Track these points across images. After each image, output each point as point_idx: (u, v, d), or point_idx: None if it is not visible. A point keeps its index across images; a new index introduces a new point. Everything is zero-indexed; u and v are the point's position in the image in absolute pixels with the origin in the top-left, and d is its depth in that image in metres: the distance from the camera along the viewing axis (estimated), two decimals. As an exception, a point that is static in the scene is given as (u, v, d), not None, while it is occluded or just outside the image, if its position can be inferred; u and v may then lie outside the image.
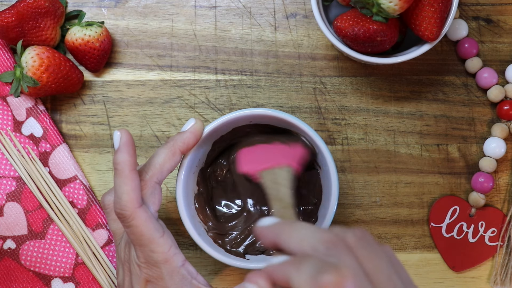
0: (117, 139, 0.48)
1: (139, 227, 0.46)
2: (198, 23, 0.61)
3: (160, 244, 0.47)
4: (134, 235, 0.47)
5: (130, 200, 0.46)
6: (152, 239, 0.47)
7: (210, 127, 0.52)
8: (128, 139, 0.48)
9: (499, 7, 0.61)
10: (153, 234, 0.47)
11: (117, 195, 0.47)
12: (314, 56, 0.61)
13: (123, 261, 0.50)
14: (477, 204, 0.59)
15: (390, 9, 0.50)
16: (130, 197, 0.46)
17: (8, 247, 0.58)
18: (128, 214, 0.46)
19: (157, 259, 0.47)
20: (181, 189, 0.52)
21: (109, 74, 0.61)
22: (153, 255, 0.47)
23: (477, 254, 0.60)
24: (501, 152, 0.59)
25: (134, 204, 0.47)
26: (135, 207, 0.47)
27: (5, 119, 0.59)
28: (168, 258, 0.47)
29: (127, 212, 0.46)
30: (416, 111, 0.61)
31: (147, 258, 0.47)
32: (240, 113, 0.51)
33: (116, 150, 0.48)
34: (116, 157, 0.47)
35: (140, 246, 0.47)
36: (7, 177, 0.59)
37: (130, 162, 0.47)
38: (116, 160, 0.47)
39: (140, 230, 0.47)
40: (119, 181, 0.47)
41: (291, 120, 0.51)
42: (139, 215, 0.46)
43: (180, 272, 0.48)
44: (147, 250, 0.47)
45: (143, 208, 0.47)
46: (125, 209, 0.46)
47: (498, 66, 0.61)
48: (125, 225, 0.47)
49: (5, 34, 0.56)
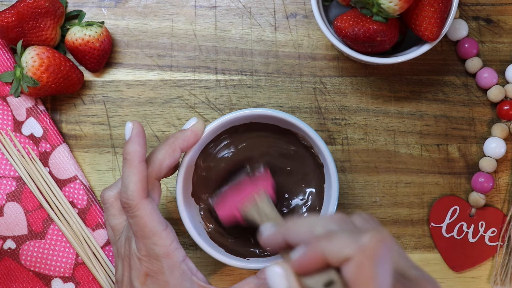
0: (128, 130, 0.49)
1: (144, 218, 0.47)
2: (198, 23, 0.61)
3: (163, 237, 0.47)
4: (137, 226, 0.47)
5: (136, 190, 0.47)
6: (155, 232, 0.47)
7: (210, 127, 0.52)
8: (140, 131, 0.49)
9: (499, 7, 0.61)
10: (156, 226, 0.47)
11: (124, 184, 0.47)
12: (314, 56, 0.61)
13: (123, 256, 0.50)
14: (477, 204, 0.59)
15: (390, 9, 0.50)
16: (137, 187, 0.47)
17: (8, 247, 0.58)
18: (134, 204, 0.47)
19: (158, 252, 0.47)
20: (180, 188, 0.52)
21: (109, 74, 0.61)
22: (155, 248, 0.47)
23: (477, 254, 0.60)
24: (501, 152, 0.59)
25: (140, 195, 0.47)
26: (141, 197, 0.47)
27: (5, 119, 0.59)
28: (170, 252, 0.47)
29: (132, 202, 0.47)
30: (416, 111, 0.61)
31: (148, 251, 0.47)
32: (240, 113, 0.51)
33: (127, 141, 0.48)
34: (126, 147, 0.48)
35: (143, 238, 0.47)
36: (7, 177, 0.59)
37: (140, 153, 0.48)
38: (126, 150, 0.48)
39: (144, 221, 0.47)
40: (127, 171, 0.47)
41: (291, 120, 0.51)
42: (144, 206, 0.47)
43: (181, 267, 0.48)
44: (149, 243, 0.47)
45: (148, 200, 0.47)
46: (131, 199, 0.47)
47: (498, 66, 0.61)
48: (129, 216, 0.47)
49: (5, 34, 0.56)
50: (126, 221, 0.51)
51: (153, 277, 0.47)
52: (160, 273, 0.47)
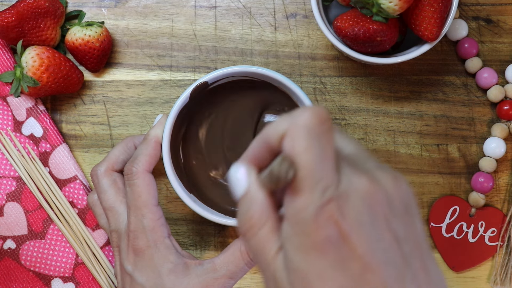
0: (158, 118, 0.54)
1: (140, 187, 0.50)
2: (198, 23, 0.61)
3: (153, 211, 0.50)
4: (133, 194, 0.50)
5: (143, 161, 0.51)
6: (147, 204, 0.49)
7: (197, 82, 0.53)
8: (163, 121, 0.53)
9: (499, 7, 0.61)
10: (149, 199, 0.50)
11: (134, 155, 0.51)
12: (314, 56, 0.61)
13: (114, 246, 0.52)
14: (477, 204, 0.59)
15: (390, 9, 0.50)
16: (145, 159, 0.51)
17: (8, 247, 0.58)
18: (135, 171, 0.50)
19: (145, 224, 0.49)
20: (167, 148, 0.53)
21: (109, 74, 0.61)
22: (143, 220, 0.49)
23: (477, 254, 0.60)
24: (501, 152, 0.59)
25: (145, 166, 0.50)
26: (144, 168, 0.50)
27: (5, 119, 0.59)
28: (156, 226, 0.50)
29: (135, 169, 0.50)
30: (416, 111, 0.61)
31: (136, 223, 0.49)
32: (228, 70, 0.52)
33: (152, 126, 0.53)
34: (150, 131, 0.52)
35: (135, 209, 0.49)
36: (7, 177, 0.59)
37: (158, 136, 0.52)
38: (149, 133, 0.52)
39: (140, 191, 0.50)
40: (142, 146, 0.52)
41: (275, 76, 0.52)
42: (144, 177, 0.50)
43: (165, 242, 0.50)
44: (139, 214, 0.49)
45: (150, 175, 0.51)
46: (135, 166, 0.50)
47: (498, 66, 0.61)
48: (128, 183, 0.50)
49: (5, 34, 0.56)
50: (116, 204, 0.52)
51: (139, 255, 0.49)
52: (146, 248, 0.49)
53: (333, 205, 0.31)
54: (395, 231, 0.32)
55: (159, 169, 0.55)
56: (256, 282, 0.60)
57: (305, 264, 0.31)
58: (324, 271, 0.31)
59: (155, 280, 0.48)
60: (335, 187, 0.31)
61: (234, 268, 0.49)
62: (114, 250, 0.52)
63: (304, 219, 0.31)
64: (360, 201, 0.31)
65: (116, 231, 0.52)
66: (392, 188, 0.33)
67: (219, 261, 0.50)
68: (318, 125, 0.32)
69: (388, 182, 0.33)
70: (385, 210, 0.32)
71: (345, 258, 0.31)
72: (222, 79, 0.54)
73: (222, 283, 0.49)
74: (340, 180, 0.32)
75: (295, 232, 0.32)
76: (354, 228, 0.31)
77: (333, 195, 0.31)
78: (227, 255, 0.50)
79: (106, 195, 0.52)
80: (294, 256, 0.32)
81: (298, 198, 0.31)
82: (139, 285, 0.49)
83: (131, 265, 0.50)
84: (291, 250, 0.32)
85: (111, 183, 0.52)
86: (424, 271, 0.32)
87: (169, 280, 0.48)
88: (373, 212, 0.32)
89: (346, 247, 0.31)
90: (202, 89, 0.54)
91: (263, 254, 0.33)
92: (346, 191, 0.31)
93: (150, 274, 0.49)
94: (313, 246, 0.31)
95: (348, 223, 0.31)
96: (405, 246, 0.32)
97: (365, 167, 0.33)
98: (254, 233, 0.34)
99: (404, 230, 0.32)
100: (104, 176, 0.53)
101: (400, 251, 0.32)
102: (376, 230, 0.31)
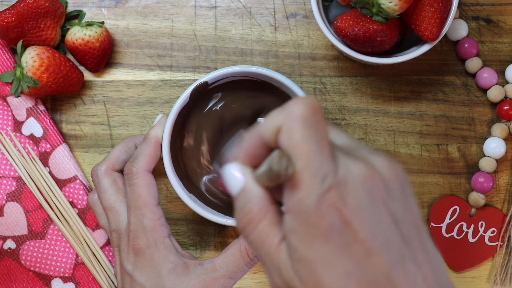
0: (158, 118, 0.54)
1: (140, 187, 0.50)
2: (198, 23, 0.61)
3: (153, 211, 0.50)
4: (133, 194, 0.50)
5: (143, 162, 0.51)
6: (147, 203, 0.50)
7: (196, 83, 0.53)
8: (163, 121, 0.53)
9: (499, 7, 0.61)
10: (150, 199, 0.50)
11: (134, 155, 0.51)
12: (314, 56, 0.61)
13: (114, 246, 0.52)
14: (477, 204, 0.59)
15: (390, 9, 0.50)
16: (145, 159, 0.51)
17: (8, 247, 0.58)
18: (136, 171, 0.50)
19: (146, 224, 0.49)
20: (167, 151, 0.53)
21: (109, 74, 0.61)
22: (143, 220, 0.49)
23: (477, 254, 0.60)
24: (501, 152, 0.59)
25: (145, 166, 0.51)
26: (144, 168, 0.51)
27: (5, 119, 0.59)
28: (156, 226, 0.50)
29: (135, 169, 0.50)
30: (416, 111, 0.61)
31: (136, 223, 0.49)
32: (228, 70, 0.53)
33: (153, 126, 0.53)
34: (150, 131, 0.52)
35: (135, 209, 0.50)
36: (7, 177, 0.59)
37: (158, 136, 0.52)
38: (149, 132, 0.52)
39: (140, 191, 0.50)
40: (142, 146, 0.52)
41: (275, 76, 0.52)
42: (144, 176, 0.50)
43: (165, 242, 0.50)
44: (140, 214, 0.49)
45: (150, 175, 0.51)
46: (135, 166, 0.50)
47: (498, 66, 0.61)
48: (128, 183, 0.50)
49: (5, 34, 0.56)
50: (116, 204, 0.52)
51: (139, 255, 0.49)
52: (146, 247, 0.49)
53: (333, 192, 0.31)
54: (393, 213, 0.33)
55: (159, 169, 0.55)
56: (256, 282, 0.60)
57: (310, 252, 0.32)
58: (329, 257, 0.31)
59: (155, 280, 0.49)
60: (333, 174, 0.32)
61: (234, 268, 0.50)
62: (114, 250, 0.52)
63: (307, 208, 0.31)
64: (359, 186, 0.32)
65: (116, 231, 0.52)
66: (387, 171, 0.33)
67: (219, 261, 0.50)
68: (312, 115, 0.32)
69: (384, 166, 0.34)
70: (383, 193, 0.32)
71: (348, 243, 0.31)
72: (222, 79, 0.54)
73: (222, 283, 0.49)
74: (337, 168, 0.32)
75: (298, 222, 0.32)
76: (355, 214, 0.31)
77: (333, 182, 0.31)
78: (227, 255, 0.50)
79: (107, 195, 0.52)
80: (299, 246, 0.32)
81: (298, 189, 0.32)
82: (139, 285, 0.49)
83: (131, 265, 0.50)
84: (295, 240, 0.32)
85: (111, 182, 0.52)
86: (422, 251, 0.33)
87: (169, 280, 0.48)
88: (371, 196, 0.32)
89: (349, 233, 0.31)
90: (202, 89, 0.54)
91: (264, 247, 0.34)
92: (345, 178, 0.32)
93: (150, 274, 0.49)
94: (317, 234, 0.31)
95: (349, 209, 0.31)
96: (403, 227, 0.33)
97: (359, 154, 0.34)
98: (254, 227, 0.34)
99: (401, 211, 0.33)
100: (104, 175, 0.53)
101: (399, 232, 0.32)
102: (375, 214, 0.32)
